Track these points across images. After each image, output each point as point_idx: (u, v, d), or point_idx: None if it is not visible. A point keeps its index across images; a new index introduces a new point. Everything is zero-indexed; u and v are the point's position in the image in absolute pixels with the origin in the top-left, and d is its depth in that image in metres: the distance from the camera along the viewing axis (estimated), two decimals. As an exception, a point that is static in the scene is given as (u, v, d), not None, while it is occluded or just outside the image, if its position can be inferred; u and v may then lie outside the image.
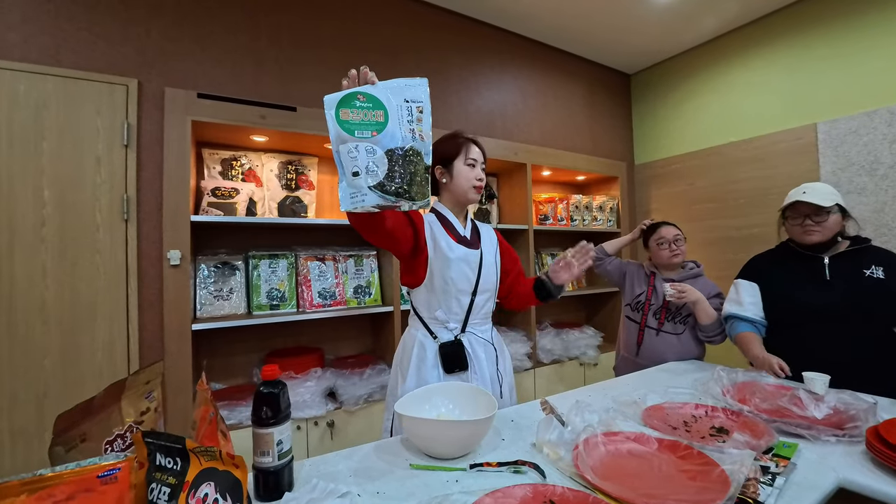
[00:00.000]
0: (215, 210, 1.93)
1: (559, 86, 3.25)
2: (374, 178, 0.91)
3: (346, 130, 0.91)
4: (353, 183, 0.92)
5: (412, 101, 0.94)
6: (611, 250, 2.04)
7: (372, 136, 0.91)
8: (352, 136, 0.91)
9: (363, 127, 0.91)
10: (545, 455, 0.90)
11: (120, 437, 0.58)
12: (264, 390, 0.80)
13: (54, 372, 1.59)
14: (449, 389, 1.09)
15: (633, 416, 1.08)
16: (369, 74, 0.92)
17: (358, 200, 0.92)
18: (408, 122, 0.93)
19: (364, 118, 0.91)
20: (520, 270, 1.53)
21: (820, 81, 2.56)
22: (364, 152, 0.91)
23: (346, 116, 0.91)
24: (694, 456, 0.85)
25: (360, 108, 0.92)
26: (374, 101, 0.92)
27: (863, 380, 1.24)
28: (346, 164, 0.91)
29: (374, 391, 2.01)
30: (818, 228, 1.42)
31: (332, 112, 0.91)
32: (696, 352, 1.74)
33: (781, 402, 1.04)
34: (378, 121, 0.92)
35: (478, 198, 1.35)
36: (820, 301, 1.43)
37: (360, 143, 0.91)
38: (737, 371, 1.26)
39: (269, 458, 0.78)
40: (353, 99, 0.92)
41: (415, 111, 0.94)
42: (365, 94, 0.92)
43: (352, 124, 0.91)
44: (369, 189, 0.91)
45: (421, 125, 0.94)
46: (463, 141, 1.35)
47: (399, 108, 0.93)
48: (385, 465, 0.89)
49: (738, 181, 2.93)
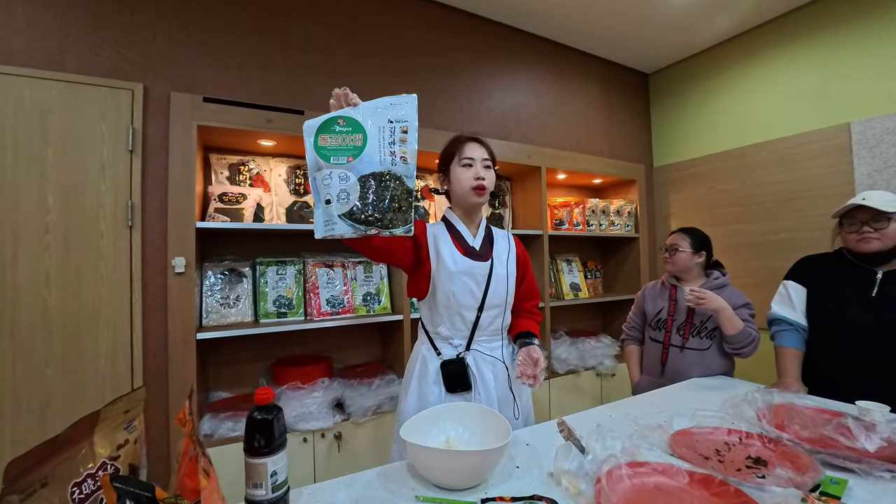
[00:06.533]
0: (222, 216, 1.89)
1: (574, 86, 3.16)
2: (345, 205, 0.87)
3: (322, 157, 0.88)
4: (325, 210, 0.88)
5: (397, 121, 0.89)
6: None
7: (347, 161, 0.87)
8: (327, 162, 0.88)
9: (339, 152, 0.87)
10: (563, 488, 0.82)
11: (90, 476, 0.52)
12: (258, 416, 0.74)
13: (57, 380, 1.56)
14: (459, 411, 1.01)
15: (660, 442, 1.00)
16: (350, 96, 0.87)
17: (329, 229, 0.88)
18: (389, 144, 0.88)
19: (342, 143, 0.88)
20: (526, 289, 1.38)
21: (852, 79, 2.42)
22: (337, 179, 0.87)
23: (324, 143, 0.88)
24: (731, 494, 0.77)
25: (339, 132, 0.88)
26: (353, 125, 0.88)
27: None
28: (321, 190, 0.88)
29: (384, 402, 1.95)
30: (877, 236, 1.32)
31: (310, 139, 0.88)
32: (723, 367, 1.63)
33: (826, 431, 0.95)
34: (356, 145, 0.87)
35: (480, 200, 1.22)
36: (859, 319, 1.35)
37: (335, 169, 0.87)
38: (772, 392, 1.16)
39: (262, 491, 0.72)
40: (333, 124, 0.88)
41: (398, 132, 0.88)
42: (345, 117, 0.88)
43: (328, 150, 0.88)
44: (339, 217, 0.87)
45: (405, 146, 0.89)
46: (458, 141, 1.26)
47: (381, 131, 0.88)
48: (388, 496, 0.82)
49: (763, 184, 2.80)
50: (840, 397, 1.25)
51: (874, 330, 1.34)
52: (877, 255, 1.35)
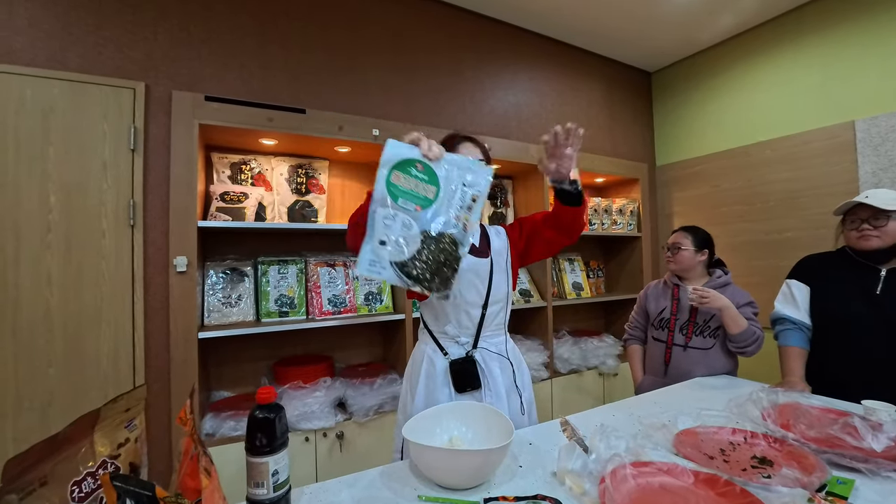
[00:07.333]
0: (224, 215, 1.89)
1: (577, 85, 3.14)
2: (399, 255, 0.86)
3: (391, 194, 0.86)
4: (376, 250, 0.86)
5: (469, 187, 0.88)
6: None
7: (415, 209, 0.87)
8: (395, 202, 0.87)
9: (409, 197, 0.87)
10: (567, 488, 0.81)
11: (90, 475, 0.52)
12: (259, 415, 0.73)
13: (59, 380, 1.56)
14: (461, 410, 1.01)
15: (664, 442, 0.99)
16: (435, 149, 0.86)
17: (375, 270, 0.87)
18: (458, 207, 0.88)
19: (414, 188, 0.87)
20: (532, 223, 1.30)
21: (857, 77, 2.40)
22: (400, 224, 0.86)
23: (396, 180, 0.87)
24: (736, 494, 0.76)
25: (414, 176, 0.87)
26: (430, 175, 0.87)
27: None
28: (378, 228, 0.86)
29: (385, 402, 1.94)
30: (876, 234, 1.31)
31: (384, 171, 0.86)
32: (727, 366, 1.62)
33: (832, 431, 0.94)
34: (427, 196, 0.87)
35: None
36: (864, 317, 1.35)
37: (400, 212, 0.86)
38: (777, 391, 1.15)
39: (263, 490, 0.72)
40: (411, 165, 0.87)
41: (468, 198, 0.88)
42: (426, 164, 0.88)
43: (399, 190, 0.87)
44: (389, 263, 0.86)
45: (470, 214, 0.88)
46: (452, 140, 1.24)
47: (454, 191, 0.88)
48: (391, 496, 0.81)
49: (767, 182, 2.78)
50: (845, 396, 1.24)
51: (878, 328, 1.33)
52: (880, 252, 1.34)
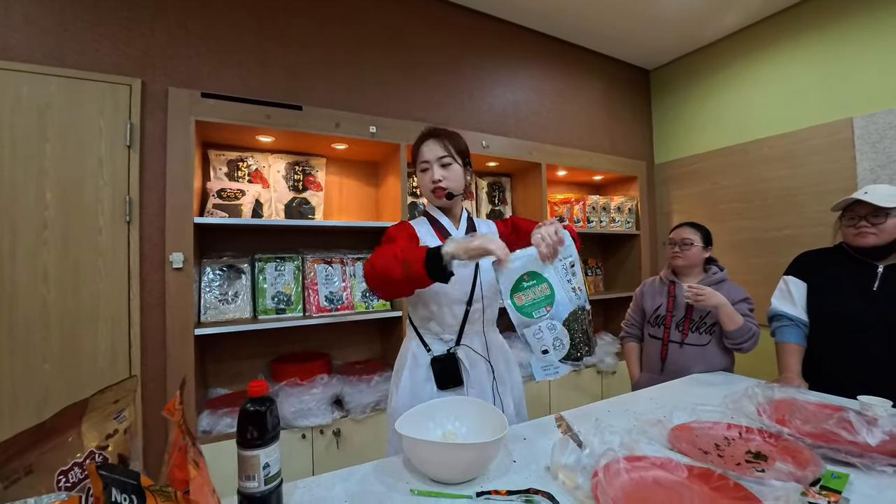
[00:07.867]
0: (220, 212, 1.89)
1: (576, 83, 3.14)
2: (562, 350, 0.99)
3: (524, 315, 0.98)
4: (542, 360, 1.00)
5: (565, 258, 0.98)
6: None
7: (546, 310, 0.97)
8: (531, 318, 0.98)
9: (536, 306, 0.98)
10: (560, 482, 0.81)
11: (78, 465, 0.51)
12: (250, 408, 0.73)
13: (55, 376, 1.56)
14: (455, 405, 1.00)
15: (659, 437, 0.98)
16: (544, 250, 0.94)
17: (551, 372, 1.01)
18: (567, 282, 0.98)
19: (535, 297, 0.98)
20: (527, 234, 1.22)
21: (855, 74, 2.40)
22: (547, 331, 0.98)
23: (520, 301, 0.98)
24: (730, 488, 0.75)
25: (527, 288, 0.98)
26: (536, 277, 0.98)
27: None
28: (534, 344, 0.99)
29: (382, 399, 1.94)
30: (873, 231, 1.31)
31: (508, 302, 0.99)
32: (724, 362, 1.61)
33: (827, 426, 0.93)
34: (546, 294, 0.97)
35: (444, 202, 1.20)
36: (861, 313, 1.35)
37: (541, 322, 0.98)
38: (773, 387, 1.15)
39: (254, 483, 0.72)
40: (520, 283, 0.98)
41: (568, 268, 0.98)
42: (528, 272, 0.98)
43: (528, 307, 0.98)
44: (560, 362, 0.99)
45: (575, 278, 0.99)
46: (416, 143, 1.22)
47: (559, 273, 0.98)
48: (384, 490, 0.81)
49: (766, 180, 2.78)
50: (842, 392, 1.24)
51: (875, 324, 1.33)
52: (876, 249, 1.34)
